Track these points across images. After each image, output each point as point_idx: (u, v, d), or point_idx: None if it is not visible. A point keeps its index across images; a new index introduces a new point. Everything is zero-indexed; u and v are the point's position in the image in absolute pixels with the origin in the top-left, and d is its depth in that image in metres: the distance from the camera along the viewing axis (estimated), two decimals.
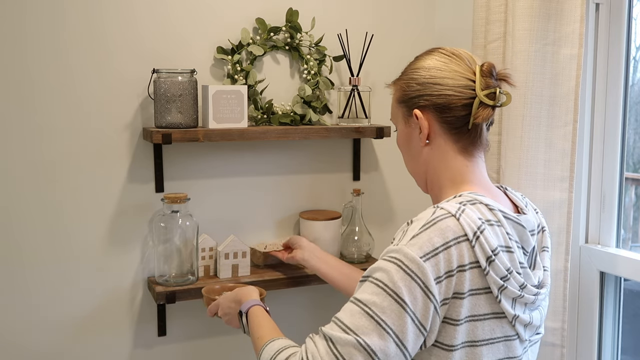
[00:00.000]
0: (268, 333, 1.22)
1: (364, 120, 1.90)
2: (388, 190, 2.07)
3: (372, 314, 0.97)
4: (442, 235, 1.00)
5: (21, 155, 1.64)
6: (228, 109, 1.71)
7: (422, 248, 0.99)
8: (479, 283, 1.02)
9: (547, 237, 1.20)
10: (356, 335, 0.97)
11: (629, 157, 1.69)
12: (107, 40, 1.68)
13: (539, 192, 1.57)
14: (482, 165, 1.17)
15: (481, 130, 1.15)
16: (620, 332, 1.69)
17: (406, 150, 1.23)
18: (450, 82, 1.13)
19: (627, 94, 1.63)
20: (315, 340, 1.02)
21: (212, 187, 1.84)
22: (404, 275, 0.97)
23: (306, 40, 1.87)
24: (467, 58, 1.15)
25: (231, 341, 1.91)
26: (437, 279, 0.98)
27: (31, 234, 1.66)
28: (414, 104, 1.16)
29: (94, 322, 1.74)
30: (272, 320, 1.30)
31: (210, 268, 1.79)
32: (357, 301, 1.00)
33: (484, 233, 1.01)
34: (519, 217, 1.09)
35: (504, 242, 1.04)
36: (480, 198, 1.07)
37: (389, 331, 0.96)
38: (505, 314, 1.05)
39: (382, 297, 0.98)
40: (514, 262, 1.05)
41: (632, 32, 1.62)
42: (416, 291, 0.97)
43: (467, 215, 1.02)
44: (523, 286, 1.06)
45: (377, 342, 0.96)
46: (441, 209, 1.03)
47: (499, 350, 1.06)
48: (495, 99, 1.12)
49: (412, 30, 2.04)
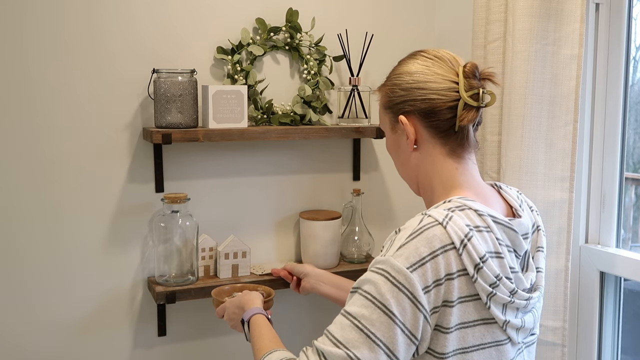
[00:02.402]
0: (267, 345, 1.22)
1: (364, 120, 1.90)
2: (388, 190, 2.07)
3: (361, 327, 0.98)
4: (429, 245, 0.99)
5: (21, 155, 1.63)
6: (228, 109, 1.71)
7: (408, 258, 0.99)
8: (467, 290, 1.02)
9: (542, 237, 1.19)
10: (347, 349, 0.97)
11: (629, 157, 1.69)
12: (107, 40, 1.68)
13: (540, 192, 1.57)
14: (472, 166, 1.16)
15: (468, 131, 1.14)
16: (620, 332, 1.69)
17: (395, 156, 1.23)
18: (434, 86, 1.12)
19: (627, 94, 1.63)
20: (308, 355, 1.02)
21: (212, 187, 1.84)
22: (391, 287, 0.98)
23: (306, 40, 1.87)
24: (450, 59, 1.15)
25: (231, 341, 1.91)
26: (425, 289, 0.98)
27: (31, 234, 1.66)
28: (399, 109, 1.16)
29: (94, 322, 1.74)
30: (273, 330, 1.31)
31: (210, 268, 1.79)
32: (347, 314, 1.00)
33: (472, 241, 1.01)
34: (510, 222, 1.08)
35: (493, 248, 1.04)
36: (470, 203, 1.06)
37: (378, 343, 0.97)
38: (495, 319, 1.04)
39: (371, 309, 0.98)
40: (503, 268, 1.04)
41: (632, 32, 1.62)
42: (404, 302, 0.97)
43: (454, 222, 1.02)
44: (513, 292, 1.05)
45: (367, 355, 0.97)
46: (428, 217, 1.03)
47: (490, 355, 1.05)
48: (479, 99, 1.11)
49: (412, 30, 2.04)
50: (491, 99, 1.13)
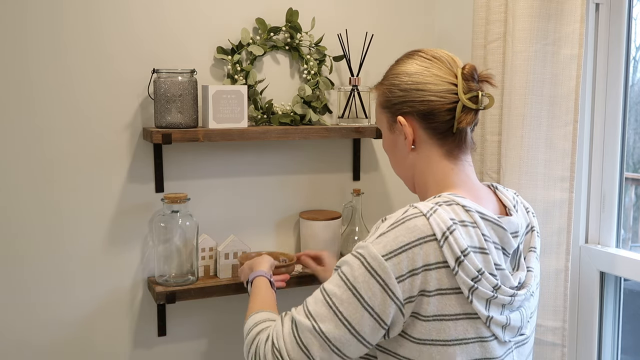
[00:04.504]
0: (258, 305, 1.30)
1: (364, 120, 1.90)
2: (388, 190, 2.07)
3: (331, 304, 1.05)
4: (409, 235, 1.02)
5: (22, 155, 1.63)
6: (228, 109, 1.71)
7: (385, 247, 1.02)
8: (447, 283, 1.03)
9: (535, 238, 1.19)
10: (315, 321, 1.05)
11: (629, 157, 1.69)
12: (107, 40, 1.68)
13: (539, 192, 1.57)
14: (467, 167, 1.17)
15: (466, 133, 1.16)
16: (620, 332, 1.69)
17: (392, 154, 1.24)
18: (433, 88, 1.12)
19: (627, 94, 1.63)
20: (284, 321, 1.10)
21: (212, 187, 1.84)
22: (365, 272, 1.03)
23: (306, 40, 1.87)
24: (448, 61, 1.15)
25: (231, 341, 1.91)
26: (399, 278, 1.01)
27: (31, 234, 1.66)
28: (397, 110, 1.16)
29: (94, 322, 1.74)
30: (270, 293, 1.39)
31: (210, 268, 1.79)
32: (323, 290, 1.08)
33: (454, 234, 1.02)
34: (499, 219, 1.09)
35: (477, 243, 1.05)
36: (458, 199, 1.07)
37: (344, 322, 1.03)
38: (478, 314, 1.05)
39: (343, 289, 1.04)
40: (487, 264, 1.05)
41: (632, 32, 1.62)
42: (375, 288, 1.02)
43: (438, 215, 1.03)
44: (497, 287, 1.05)
45: (332, 330, 1.04)
46: (414, 208, 1.06)
47: (474, 350, 1.06)
48: (478, 102, 1.12)
49: (412, 30, 2.04)
50: (489, 101, 1.14)
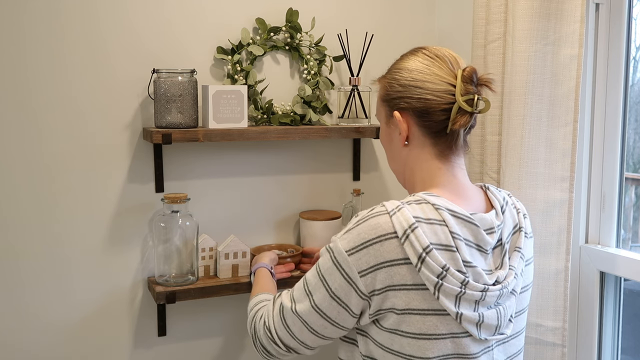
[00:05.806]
0: (258, 289, 1.45)
1: (364, 120, 1.90)
2: (388, 190, 2.07)
3: (307, 291, 1.16)
4: (371, 232, 1.07)
5: (21, 156, 1.63)
6: (228, 109, 1.71)
7: (350, 242, 1.09)
8: (411, 279, 1.05)
9: (522, 238, 1.19)
10: (294, 304, 1.18)
11: (629, 157, 1.69)
12: (107, 40, 1.68)
13: (539, 192, 1.57)
14: (457, 168, 1.18)
15: (458, 135, 1.16)
16: (620, 332, 1.69)
17: (387, 148, 1.27)
18: (431, 86, 1.13)
19: (627, 94, 1.63)
20: (275, 302, 1.24)
21: (212, 187, 1.84)
22: (331, 265, 1.11)
23: (306, 40, 1.87)
24: (451, 61, 1.16)
25: (231, 341, 1.91)
26: (361, 272, 1.07)
27: (31, 234, 1.66)
28: (394, 104, 1.18)
29: (94, 322, 1.74)
30: (269, 280, 1.55)
31: (210, 268, 1.79)
32: (304, 277, 1.19)
33: (415, 231, 1.04)
34: (471, 216, 1.09)
35: (444, 240, 1.06)
36: (429, 198, 1.10)
37: (316, 308, 1.14)
38: (447, 310, 1.05)
39: (316, 279, 1.14)
40: (454, 261, 1.06)
41: (632, 32, 1.62)
42: (340, 280, 1.10)
43: (401, 213, 1.06)
44: (465, 283, 1.06)
45: (307, 314, 1.15)
46: (382, 206, 1.10)
47: (445, 346, 1.07)
48: (474, 105, 1.12)
49: (412, 30, 2.04)
50: (485, 106, 1.15)
